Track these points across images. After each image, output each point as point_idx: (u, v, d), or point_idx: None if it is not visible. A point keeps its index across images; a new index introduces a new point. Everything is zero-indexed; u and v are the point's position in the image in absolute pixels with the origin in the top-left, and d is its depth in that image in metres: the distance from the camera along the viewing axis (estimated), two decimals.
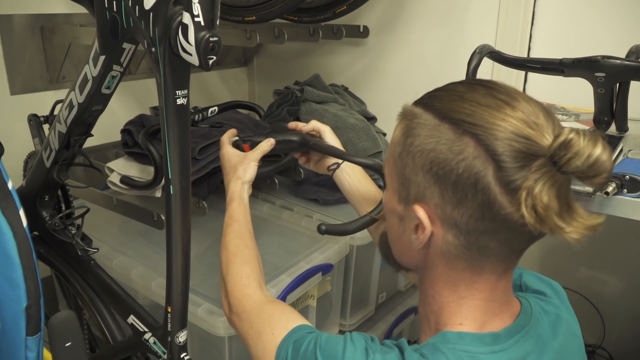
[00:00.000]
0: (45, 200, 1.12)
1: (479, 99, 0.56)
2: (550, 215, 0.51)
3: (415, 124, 0.59)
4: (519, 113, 0.54)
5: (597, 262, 1.53)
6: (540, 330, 0.65)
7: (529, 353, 0.62)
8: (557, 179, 0.52)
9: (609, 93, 1.02)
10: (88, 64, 0.87)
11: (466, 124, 0.55)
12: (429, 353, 0.59)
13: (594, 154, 0.49)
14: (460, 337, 0.60)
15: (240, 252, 0.88)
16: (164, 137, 0.79)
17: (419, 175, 0.58)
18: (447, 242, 0.59)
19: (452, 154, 0.55)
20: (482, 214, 0.55)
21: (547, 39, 1.41)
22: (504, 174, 0.53)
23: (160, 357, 0.97)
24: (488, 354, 0.59)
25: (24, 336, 0.68)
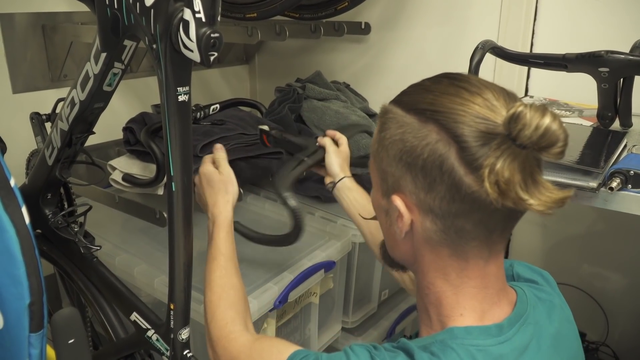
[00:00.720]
0: (47, 199, 1.12)
1: (441, 89, 0.60)
2: (512, 188, 0.53)
3: (386, 119, 0.63)
4: (478, 98, 0.57)
5: (600, 259, 1.52)
6: (537, 317, 0.67)
7: (530, 340, 0.64)
8: (517, 154, 0.53)
9: (612, 88, 1.02)
10: (89, 62, 0.87)
11: (428, 111, 0.58)
12: (440, 351, 0.59)
13: (542, 124, 0.51)
14: (468, 331, 0.61)
15: (226, 294, 0.87)
16: (165, 134, 0.79)
17: (392, 165, 0.62)
18: (425, 228, 0.61)
19: (417, 140, 0.58)
20: (452, 196, 0.57)
21: (549, 35, 1.41)
22: (466, 154, 0.55)
23: (163, 354, 0.97)
24: (495, 345, 0.60)
25: (27, 333, 0.68)
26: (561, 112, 1.21)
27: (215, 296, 0.86)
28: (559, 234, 1.56)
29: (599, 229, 1.50)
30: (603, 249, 1.50)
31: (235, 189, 0.97)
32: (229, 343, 0.80)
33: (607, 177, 0.82)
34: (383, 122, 0.64)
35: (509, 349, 0.61)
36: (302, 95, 1.51)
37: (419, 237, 0.62)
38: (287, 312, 1.20)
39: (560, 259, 1.57)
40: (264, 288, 1.09)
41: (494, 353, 0.60)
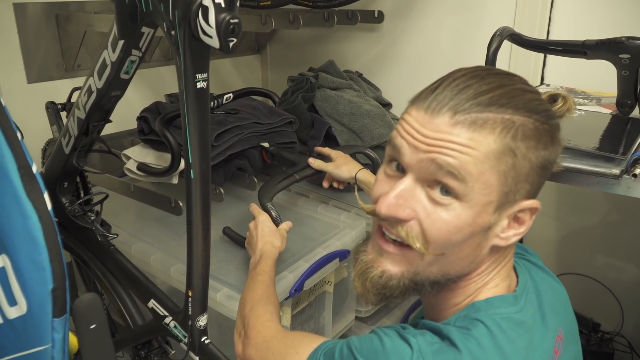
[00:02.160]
0: (64, 187, 1.12)
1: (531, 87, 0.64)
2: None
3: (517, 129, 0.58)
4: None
5: (614, 249, 1.51)
6: (537, 286, 0.71)
7: (536, 308, 0.67)
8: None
9: (633, 75, 1.01)
10: (107, 49, 0.87)
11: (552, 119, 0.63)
12: (469, 324, 0.60)
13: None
14: (489, 303, 0.63)
15: (267, 295, 0.91)
16: (184, 121, 0.79)
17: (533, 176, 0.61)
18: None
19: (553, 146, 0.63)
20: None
21: (566, 22, 1.39)
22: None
23: (181, 341, 0.97)
24: (516, 313, 0.63)
25: (51, 318, 0.69)
26: (579, 100, 1.20)
27: (257, 296, 0.90)
28: (572, 225, 1.55)
29: (612, 219, 1.49)
30: (617, 239, 1.49)
31: (283, 246, 1.06)
32: (264, 328, 0.82)
33: (630, 164, 0.82)
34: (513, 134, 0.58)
35: (527, 315, 0.63)
36: (315, 84, 1.50)
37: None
38: (302, 300, 1.20)
39: (574, 249, 1.56)
40: (279, 276, 1.09)
41: (517, 319, 0.62)
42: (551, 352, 0.65)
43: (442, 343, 0.59)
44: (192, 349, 0.95)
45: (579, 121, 1.05)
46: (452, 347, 0.58)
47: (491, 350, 0.58)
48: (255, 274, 0.95)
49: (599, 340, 1.49)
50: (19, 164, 0.67)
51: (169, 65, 1.71)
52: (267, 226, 1.06)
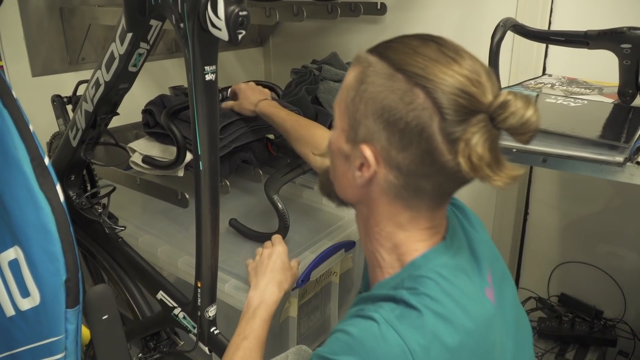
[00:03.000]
0: (71, 180, 1.13)
1: (430, 53, 0.61)
2: (482, 165, 0.57)
3: (370, 72, 0.63)
4: (465, 71, 0.59)
5: (615, 237, 1.52)
6: (463, 225, 0.75)
7: (465, 246, 0.71)
8: (491, 133, 0.58)
9: (634, 65, 1.01)
10: (115, 42, 0.88)
11: (418, 76, 0.59)
12: (415, 283, 0.63)
13: (526, 115, 0.56)
14: (426, 257, 0.66)
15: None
16: (192, 113, 0.80)
17: (370, 119, 0.63)
18: (388, 181, 0.64)
19: (402, 103, 0.60)
20: (422, 159, 0.61)
21: (567, 12, 1.39)
22: (446, 125, 0.58)
23: (190, 332, 0.99)
24: (450, 259, 0.67)
25: (64, 309, 0.70)
26: (581, 90, 1.21)
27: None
28: (574, 214, 1.56)
29: (614, 207, 1.50)
30: (618, 227, 1.50)
31: (291, 286, 1.00)
32: None
33: (633, 152, 0.82)
34: (365, 74, 0.63)
35: (460, 257, 0.68)
36: (318, 76, 1.50)
37: (378, 187, 0.65)
38: (308, 291, 1.21)
39: (577, 238, 1.57)
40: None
41: (452, 264, 0.66)
42: (486, 280, 0.70)
43: (400, 307, 0.62)
44: (202, 340, 0.96)
45: (581, 110, 1.06)
46: (410, 308, 0.61)
47: (443, 299, 0.61)
48: (242, 336, 0.88)
49: (602, 327, 1.50)
50: (32, 156, 0.68)
51: (173, 59, 1.71)
52: (282, 260, 1.00)
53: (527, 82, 1.28)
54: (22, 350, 0.76)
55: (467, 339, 0.61)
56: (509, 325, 0.72)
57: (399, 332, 0.59)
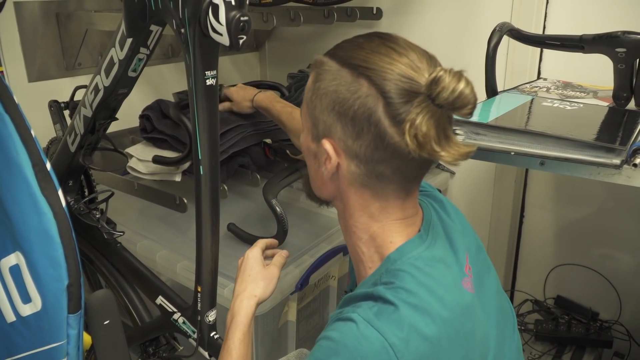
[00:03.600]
0: (69, 186, 1.13)
1: (373, 47, 0.65)
2: (428, 141, 0.60)
3: (322, 71, 0.68)
4: (405, 58, 0.63)
5: (610, 239, 1.54)
6: (441, 217, 0.77)
7: (442, 238, 0.73)
8: (434, 112, 0.60)
9: (629, 68, 1.03)
10: (114, 47, 0.88)
11: (361, 67, 0.64)
12: (391, 278, 0.65)
13: (457, 88, 0.58)
14: (401, 251, 0.68)
15: None
16: (193, 118, 0.80)
17: (325, 113, 0.67)
18: (351, 171, 0.67)
19: (349, 93, 0.64)
20: (376, 145, 0.64)
21: (561, 17, 1.41)
22: (391, 109, 0.62)
23: (190, 337, 0.98)
24: (425, 250, 0.68)
25: (66, 314, 0.69)
26: (576, 94, 1.22)
27: None
28: (569, 217, 1.57)
29: (608, 210, 1.51)
30: (613, 230, 1.51)
31: (268, 292, 0.88)
32: None
33: (630, 154, 0.83)
34: (318, 72, 0.68)
35: (436, 248, 0.70)
36: None
37: (345, 179, 0.69)
38: (307, 295, 1.21)
39: (572, 241, 1.59)
40: (285, 271, 1.10)
41: (427, 256, 0.68)
42: (464, 271, 0.72)
43: (378, 304, 0.63)
44: (202, 344, 0.96)
45: (577, 114, 1.07)
46: (387, 304, 0.62)
47: (419, 291, 0.63)
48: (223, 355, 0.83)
49: (598, 329, 1.51)
50: (34, 161, 0.68)
51: (169, 64, 1.71)
52: (251, 268, 0.89)
53: (522, 85, 1.29)
54: (23, 356, 0.75)
55: (444, 327, 0.63)
56: (490, 312, 0.74)
57: (378, 328, 0.61)
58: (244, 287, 0.87)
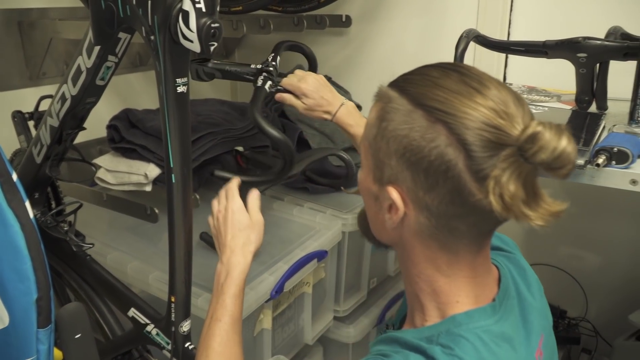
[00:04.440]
0: (35, 198, 1.10)
1: (451, 85, 0.57)
2: (516, 203, 0.53)
3: (390, 108, 0.60)
4: (490, 102, 0.55)
5: (576, 239, 1.58)
6: (519, 289, 0.70)
7: (517, 314, 0.66)
8: (523, 168, 0.53)
9: (590, 73, 1.06)
10: (81, 56, 0.86)
11: (439, 111, 0.56)
12: (450, 342, 0.59)
13: (559, 147, 0.51)
14: (469, 316, 0.61)
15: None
16: (164, 126, 0.79)
17: (393, 159, 0.59)
18: (419, 223, 0.60)
19: (424, 141, 0.56)
20: (452, 199, 0.57)
21: (525, 23, 1.45)
22: (473, 163, 0.54)
23: (164, 348, 0.97)
24: (494, 324, 0.62)
25: (36, 329, 0.67)
26: (541, 98, 1.25)
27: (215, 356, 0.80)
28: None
29: (573, 211, 1.53)
30: (578, 230, 1.56)
31: (260, 241, 0.90)
32: None
33: (593, 155, 0.86)
34: (385, 110, 0.60)
35: (506, 325, 0.63)
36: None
37: (410, 229, 0.62)
38: (281, 302, 1.21)
39: (540, 241, 1.62)
40: (260, 279, 1.10)
41: (496, 331, 0.61)
42: (534, 356, 0.65)
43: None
44: (176, 356, 0.94)
45: (542, 117, 1.09)
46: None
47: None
48: (215, 316, 0.82)
49: (566, 326, 1.55)
50: None
51: (137, 72, 1.69)
52: (238, 220, 0.88)
53: None
54: None
55: None
56: None
57: None
58: (237, 241, 0.86)
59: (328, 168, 1.42)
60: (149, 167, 1.21)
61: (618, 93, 1.12)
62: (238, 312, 0.83)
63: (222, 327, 0.81)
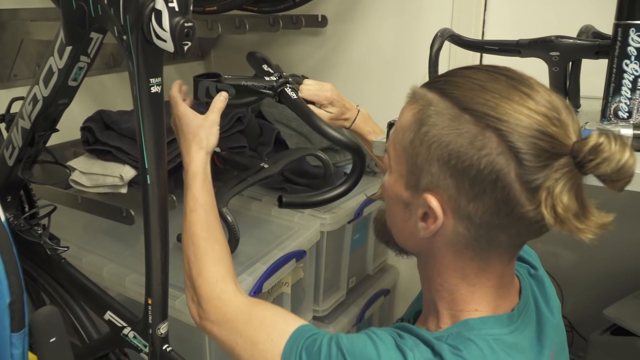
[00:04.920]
0: (7, 201, 1.08)
1: (501, 90, 0.54)
2: (568, 216, 0.51)
3: (431, 112, 0.57)
4: (542, 107, 0.53)
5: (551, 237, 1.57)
6: (538, 304, 0.69)
7: (533, 327, 0.65)
8: (577, 179, 0.51)
9: (562, 71, 1.08)
10: (53, 56, 0.85)
11: (489, 117, 0.53)
12: (460, 344, 0.58)
13: (622, 160, 0.49)
14: (483, 322, 0.60)
15: (211, 248, 0.81)
16: (138, 126, 0.78)
17: (434, 166, 0.56)
18: (457, 232, 0.58)
19: (473, 148, 0.53)
20: (498, 210, 0.54)
21: (498, 23, 1.47)
22: (525, 172, 0.52)
23: (142, 351, 0.96)
24: (508, 334, 0.60)
25: (9, 333, 0.66)
26: None
27: (200, 251, 0.80)
28: None
29: None
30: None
31: (212, 141, 0.88)
32: (223, 303, 0.74)
33: None
34: (427, 114, 0.57)
35: (520, 336, 0.61)
36: None
37: (445, 238, 0.59)
38: None
39: None
40: (238, 279, 1.08)
41: (509, 342, 0.60)
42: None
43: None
44: (154, 358, 0.93)
45: None
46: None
47: None
48: (188, 209, 0.83)
49: None
50: None
51: (111, 74, 1.67)
52: (186, 123, 0.89)
53: None
54: None
55: None
56: None
57: None
58: (188, 144, 0.88)
59: (306, 168, 1.42)
60: (124, 169, 1.20)
61: (590, 91, 1.14)
62: (209, 200, 0.84)
63: (198, 215, 0.83)
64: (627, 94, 0.90)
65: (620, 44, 0.88)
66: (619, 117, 0.92)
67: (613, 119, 0.92)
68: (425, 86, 0.60)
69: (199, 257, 0.80)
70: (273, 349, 0.63)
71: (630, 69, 0.89)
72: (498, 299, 0.62)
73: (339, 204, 1.39)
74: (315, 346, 0.60)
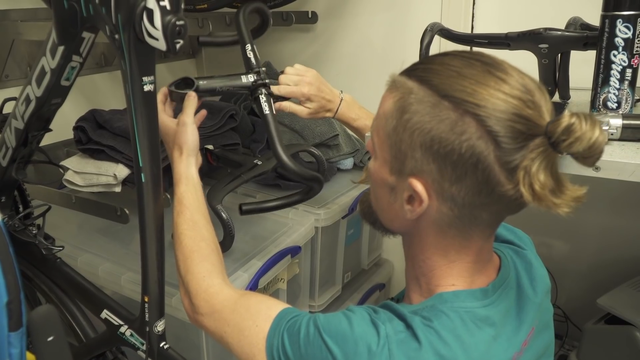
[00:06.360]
0: (2, 202, 1.08)
1: (477, 75, 0.57)
2: (546, 192, 0.54)
3: (412, 100, 0.59)
4: (516, 91, 0.55)
5: (545, 228, 1.62)
6: (520, 282, 0.71)
7: (512, 303, 0.68)
8: (552, 157, 0.54)
9: (552, 63, 1.09)
10: (45, 56, 0.85)
11: (467, 103, 0.55)
12: (432, 316, 0.61)
13: (593, 138, 0.52)
14: (456, 295, 0.63)
15: (197, 246, 0.84)
16: (132, 125, 0.79)
17: (418, 151, 0.59)
18: (441, 213, 0.61)
19: (454, 134, 0.56)
20: (479, 190, 0.57)
21: (488, 17, 1.48)
22: (503, 154, 0.55)
23: (139, 349, 0.96)
24: (481, 307, 0.63)
25: (7, 332, 0.66)
26: None
27: (186, 249, 0.84)
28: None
29: None
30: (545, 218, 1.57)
31: (191, 140, 0.91)
32: (210, 296, 0.77)
33: None
34: (407, 101, 0.59)
35: (493, 311, 0.64)
36: None
37: (429, 218, 0.62)
38: None
39: None
40: (234, 276, 1.10)
41: (480, 314, 0.62)
42: (519, 346, 0.66)
43: (407, 332, 0.60)
44: (151, 356, 0.94)
45: None
46: (414, 339, 0.59)
47: (451, 341, 0.59)
48: (175, 213, 0.88)
49: None
50: None
51: (103, 73, 1.66)
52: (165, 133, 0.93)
53: None
54: None
55: None
56: None
57: (392, 355, 0.57)
58: (170, 151, 0.94)
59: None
60: (117, 168, 1.20)
61: (580, 82, 1.16)
62: (193, 202, 0.88)
63: (184, 216, 0.87)
64: (615, 85, 0.91)
65: (608, 35, 0.89)
66: (608, 108, 0.93)
67: (602, 110, 0.93)
68: (405, 74, 0.62)
69: (187, 255, 0.84)
70: (258, 333, 0.67)
71: (618, 59, 0.90)
72: (475, 274, 0.65)
73: (333, 200, 1.40)
74: (296, 327, 0.64)
